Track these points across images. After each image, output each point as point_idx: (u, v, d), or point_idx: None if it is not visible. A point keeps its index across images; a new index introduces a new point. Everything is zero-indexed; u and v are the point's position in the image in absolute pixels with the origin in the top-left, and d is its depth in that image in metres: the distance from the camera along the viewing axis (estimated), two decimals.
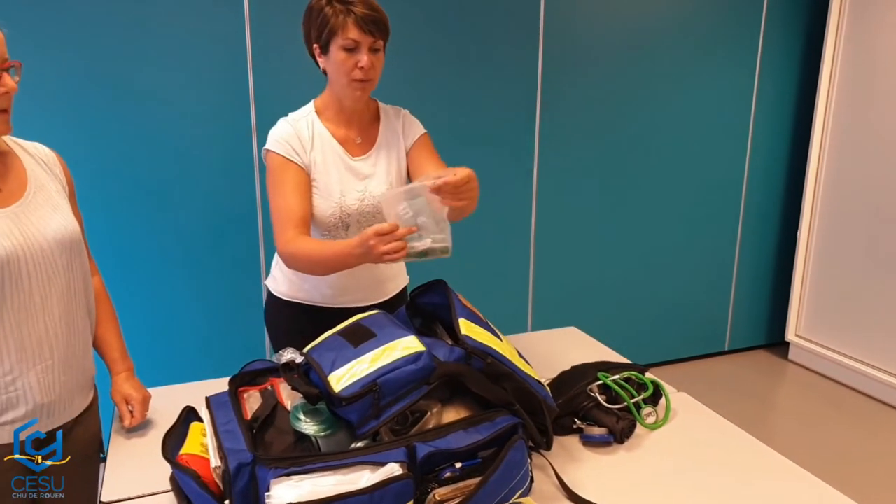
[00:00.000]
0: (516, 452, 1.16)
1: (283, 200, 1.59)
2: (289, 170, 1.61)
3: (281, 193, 1.60)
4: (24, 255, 1.19)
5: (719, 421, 1.54)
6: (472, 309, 1.37)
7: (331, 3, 1.55)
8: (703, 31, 3.48)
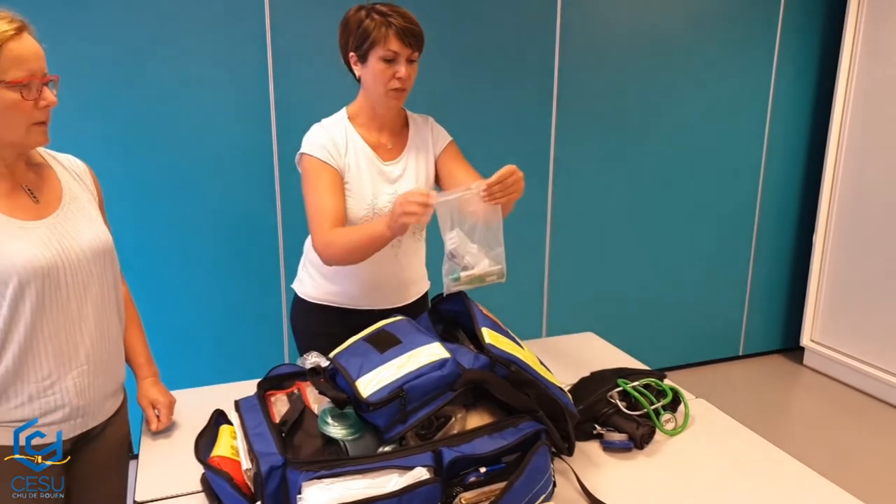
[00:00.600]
0: (540, 458, 1.18)
1: (318, 200, 1.64)
2: (324, 171, 1.66)
3: (316, 193, 1.65)
4: (62, 265, 1.23)
5: (738, 427, 1.56)
6: (492, 318, 1.40)
7: (371, 15, 1.60)
8: (720, 30, 3.48)
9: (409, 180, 1.76)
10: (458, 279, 1.40)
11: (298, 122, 1.72)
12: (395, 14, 1.60)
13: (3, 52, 1.12)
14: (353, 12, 1.64)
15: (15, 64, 1.13)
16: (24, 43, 1.15)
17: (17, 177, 1.25)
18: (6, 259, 1.16)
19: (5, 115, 1.15)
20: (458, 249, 1.40)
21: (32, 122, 1.18)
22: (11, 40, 1.12)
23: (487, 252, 1.44)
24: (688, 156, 3.59)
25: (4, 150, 1.21)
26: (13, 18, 1.15)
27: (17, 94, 1.14)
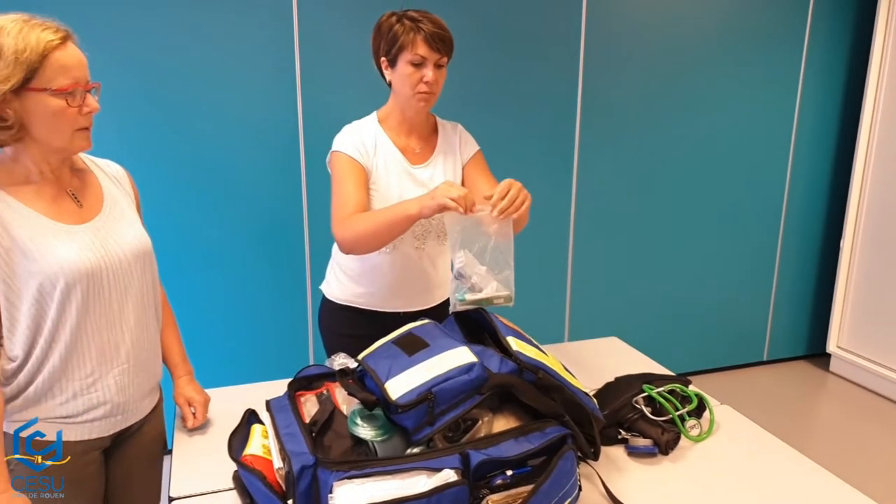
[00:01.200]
0: (566, 462, 1.20)
1: (343, 190, 1.69)
2: (352, 167, 1.70)
3: (342, 185, 1.69)
4: (105, 267, 1.27)
5: (763, 434, 1.56)
6: (514, 328, 1.41)
7: (401, 20, 1.65)
8: (747, 32, 3.46)
9: (437, 184, 1.78)
10: (464, 300, 1.42)
11: (325, 125, 1.75)
12: (425, 20, 1.64)
13: (50, 61, 1.16)
14: (385, 18, 1.69)
15: (61, 72, 1.17)
16: (69, 52, 1.19)
17: (62, 182, 1.29)
18: (54, 262, 1.20)
19: (51, 122, 1.19)
20: (466, 269, 1.42)
21: (76, 127, 1.22)
22: (57, 49, 1.16)
23: (496, 274, 1.45)
24: (713, 158, 3.57)
25: (51, 156, 1.25)
26: (58, 28, 1.19)
27: (62, 102, 1.18)
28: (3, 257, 1.18)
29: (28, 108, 1.17)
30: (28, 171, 1.24)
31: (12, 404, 1.25)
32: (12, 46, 1.12)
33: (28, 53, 1.13)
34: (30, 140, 1.21)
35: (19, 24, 1.14)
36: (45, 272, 1.20)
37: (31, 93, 1.15)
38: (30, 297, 1.20)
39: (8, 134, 1.18)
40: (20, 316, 1.21)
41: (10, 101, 1.15)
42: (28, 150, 1.22)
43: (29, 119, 1.18)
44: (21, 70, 1.13)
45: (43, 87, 1.16)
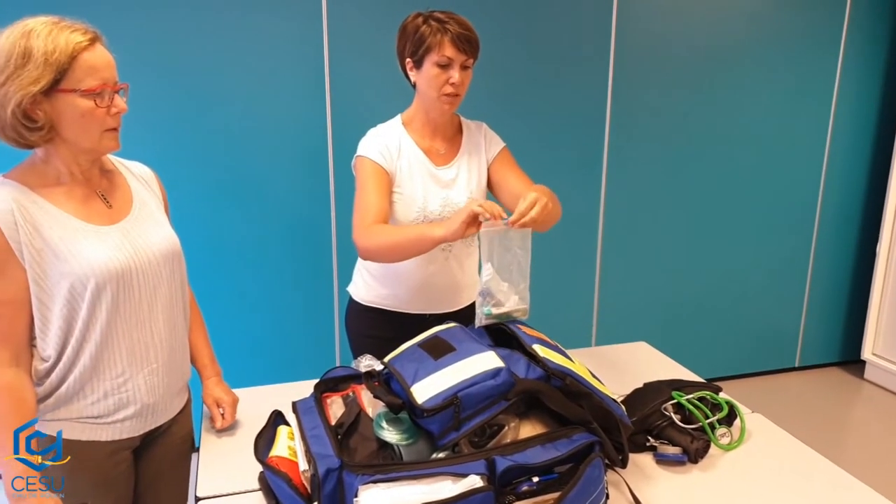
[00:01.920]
0: (594, 469, 1.18)
1: (364, 196, 1.69)
2: (375, 172, 1.71)
3: (364, 191, 1.70)
4: (135, 268, 1.29)
5: (795, 444, 1.52)
6: (539, 336, 1.39)
7: (427, 21, 1.64)
8: (782, 32, 3.39)
9: (462, 185, 1.78)
10: (490, 314, 1.44)
11: (354, 127, 1.76)
12: (452, 21, 1.63)
13: (78, 62, 1.17)
14: (410, 19, 1.68)
15: (89, 73, 1.18)
16: (97, 53, 1.20)
17: (92, 183, 1.31)
18: (85, 262, 1.22)
19: (80, 122, 1.20)
20: (491, 285, 1.43)
21: (105, 128, 1.24)
22: (85, 51, 1.18)
23: (515, 288, 1.46)
24: (745, 160, 3.51)
25: (80, 156, 1.26)
26: (87, 30, 1.20)
27: (90, 102, 1.19)
28: (35, 258, 1.20)
29: (58, 109, 1.18)
30: (58, 173, 1.26)
31: (44, 404, 1.27)
32: (42, 48, 1.13)
33: (57, 55, 1.14)
34: (59, 141, 1.23)
35: (48, 27, 1.16)
36: (75, 273, 1.21)
37: (60, 94, 1.17)
38: (61, 298, 1.22)
39: (38, 135, 1.19)
40: (52, 317, 1.23)
41: (40, 103, 1.16)
42: (58, 152, 1.24)
43: (58, 120, 1.19)
44: (50, 71, 1.14)
45: (72, 88, 1.17)
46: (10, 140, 1.20)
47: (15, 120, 1.16)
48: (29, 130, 1.18)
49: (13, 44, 1.14)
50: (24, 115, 1.16)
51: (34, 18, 1.17)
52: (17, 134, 1.18)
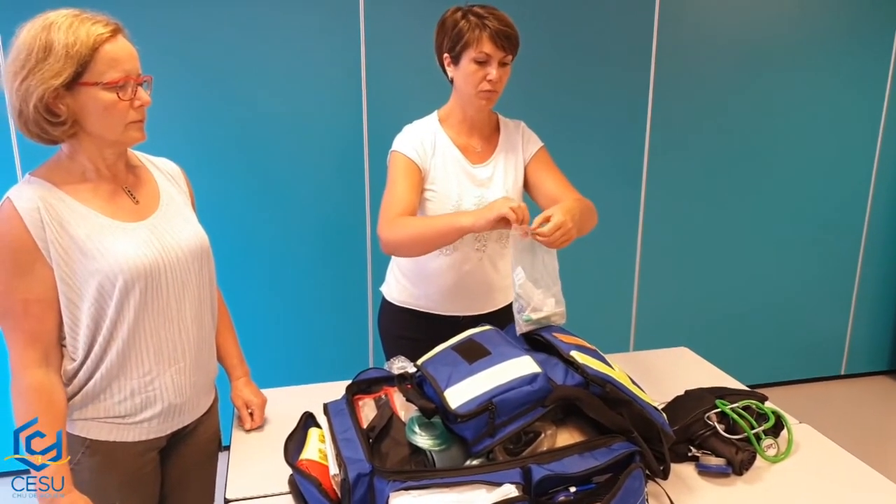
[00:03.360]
0: (634, 481, 1.13)
1: (395, 191, 1.67)
2: (407, 168, 1.68)
3: (395, 186, 1.67)
4: (163, 265, 1.27)
5: (846, 457, 1.45)
6: (577, 342, 1.35)
7: (466, 16, 1.60)
8: (830, 32, 3.27)
9: (498, 184, 1.74)
10: (530, 319, 1.40)
11: (389, 124, 1.73)
12: (491, 16, 1.59)
13: (100, 55, 1.15)
14: (449, 13, 1.65)
15: (111, 65, 1.17)
16: (119, 45, 1.18)
17: (118, 179, 1.29)
18: (112, 260, 1.21)
19: (104, 116, 1.19)
20: (524, 291, 1.40)
21: (129, 121, 1.22)
22: (107, 42, 1.16)
23: (549, 291, 1.43)
24: (790, 162, 3.40)
25: (105, 150, 1.25)
26: (108, 21, 1.18)
27: (113, 95, 1.18)
28: (63, 257, 1.18)
29: (80, 102, 1.17)
30: (84, 169, 1.25)
31: (72, 401, 1.26)
32: (63, 41, 1.12)
33: (78, 47, 1.13)
34: (84, 135, 1.21)
35: (69, 19, 1.15)
36: (103, 271, 1.20)
37: (82, 87, 1.15)
38: (90, 297, 1.21)
39: (61, 130, 1.18)
40: (81, 315, 1.22)
41: (63, 97, 1.15)
42: (83, 147, 1.23)
43: (82, 114, 1.18)
44: (72, 64, 1.13)
45: (94, 80, 1.15)
46: (34, 136, 1.19)
47: (37, 115, 1.15)
48: (52, 125, 1.17)
49: (34, 37, 1.13)
50: (46, 109, 1.15)
51: (55, 11, 1.16)
52: (40, 129, 1.17)
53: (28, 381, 1.20)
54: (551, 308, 1.42)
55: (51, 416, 1.21)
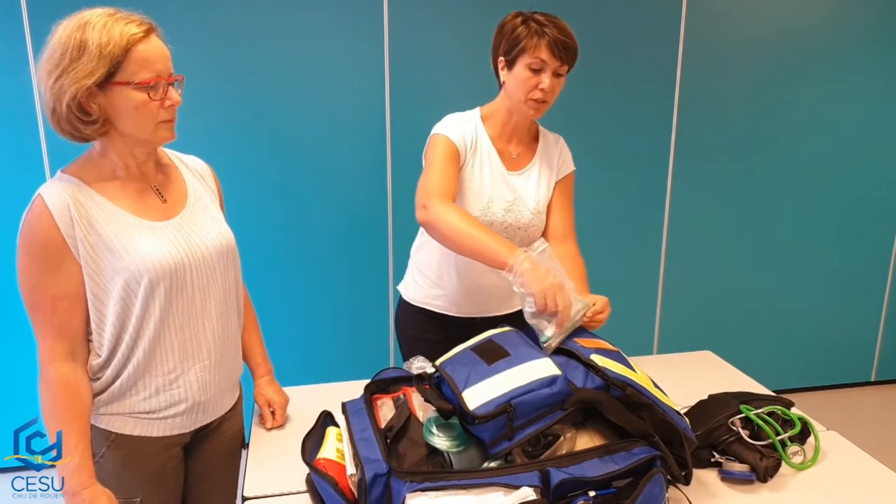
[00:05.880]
0: (654, 486, 1.11)
1: (438, 171, 1.59)
2: (451, 152, 1.62)
3: (437, 166, 1.60)
4: (189, 263, 1.28)
5: (875, 465, 1.41)
6: (599, 345, 1.32)
7: (527, 22, 1.58)
8: (859, 29, 3.20)
9: (530, 194, 1.72)
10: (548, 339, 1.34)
11: (413, 125, 1.72)
12: (552, 25, 1.57)
13: (133, 55, 1.16)
14: (510, 17, 1.63)
15: (143, 66, 1.17)
16: (152, 44, 1.19)
17: (147, 178, 1.30)
18: (138, 258, 1.22)
19: (134, 115, 1.20)
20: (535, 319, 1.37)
21: (159, 120, 1.22)
22: (140, 42, 1.17)
23: None
24: (819, 163, 3.33)
25: (136, 149, 1.26)
26: (142, 21, 1.19)
27: (144, 95, 1.18)
28: (90, 254, 1.20)
29: (112, 101, 1.18)
30: (114, 167, 1.26)
31: (98, 398, 1.27)
32: (96, 41, 1.13)
33: (112, 47, 1.14)
34: (115, 134, 1.22)
35: (104, 19, 1.15)
36: (129, 269, 1.21)
37: (115, 87, 1.16)
38: (115, 294, 1.22)
39: (93, 128, 1.19)
40: (107, 312, 1.23)
41: (95, 96, 1.16)
42: (114, 145, 1.24)
43: (113, 113, 1.19)
44: (105, 64, 1.14)
45: (126, 80, 1.16)
46: (67, 134, 1.20)
47: (70, 113, 1.16)
48: (84, 124, 1.18)
49: (69, 36, 1.14)
50: (79, 108, 1.16)
51: (91, 10, 1.17)
52: (72, 127, 1.18)
53: (55, 374, 1.21)
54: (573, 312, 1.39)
55: (76, 411, 1.22)
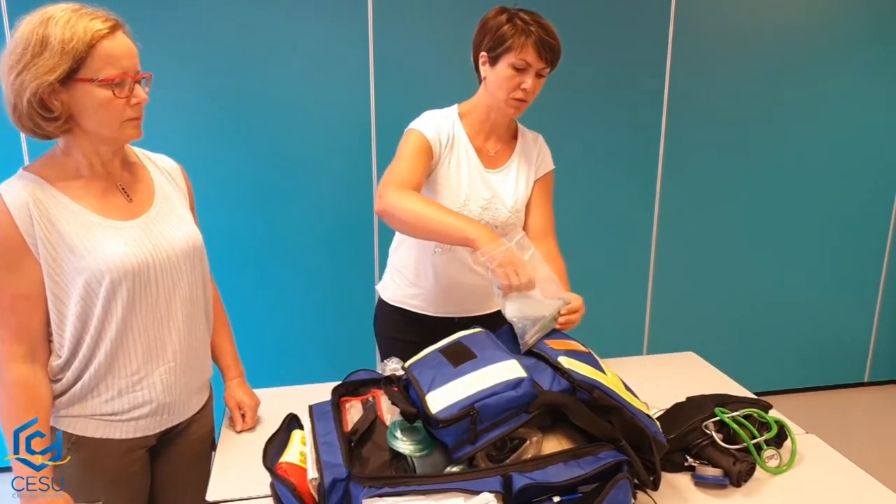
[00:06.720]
0: (619, 491, 1.09)
1: (409, 162, 1.58)
2: (422, 146, 1.61)
3: (412, 158, 1.59)
4: (153, 264, 1.26)
5: (852, 469, 1.39)
6: (570, 347, 1.30)
7: (513, 20, 1.56)
8: (852, 23, 3.17)
9: (508, 192, 1.70)
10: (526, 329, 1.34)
11: (398, 125, 1.68)
12: (536, 24, 1.55)
13: (97, 51, 1.14)
14: (493, 14, 1.60)
15: (108, 62, 1.15)
16: (118, 41, 1.17)
17: (113, 177, 1.28)
18: (100, 258, 1.20)
19: (99, 113, 1.17)
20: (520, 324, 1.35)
21: (125, 118, 1.20)
22: (105, 39, 1.14)
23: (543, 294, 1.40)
24: (811, 162, 3.30)
25: (101, 147, 1.24)
26: (108, 17, 1.17)
27: (109, 92, 1.16)
28: (51, 253, 1.18)
29: (75, 98, 1.16)
30: (78, 165, 1.24)
31: (58, 401, 1.25)
32: (59, 36, 1.11)
33: (75, 43, 1.12)
34: (79, 132, 1.20)
35: (68, 14, 1.13)
36: (90, 269, 1.19)
37: (78, 83, 1.14)
38: (76, 295, 1.20)
39: (55, 125, 1.17)
40: (68, 312, 1.22)
41: (58, 92, 1.14)
42: (78, 143, 1.22)
43: (77, 110, 1.17)
44: (67, 60, 1.12)
45: (90, 77, 1.14)
46: (28, 130, 1.18)
47: (31, 109, 1.14)
48: (45, 120, 1.16)
49: (31, 31, 1.12)
50: (40, 104, 1.14)
51: (55, 5, 1.15)
52: (33, 124, 1.17)
53: (13, 375, 1.19)
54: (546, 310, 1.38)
55: (35, 412, 1.20)
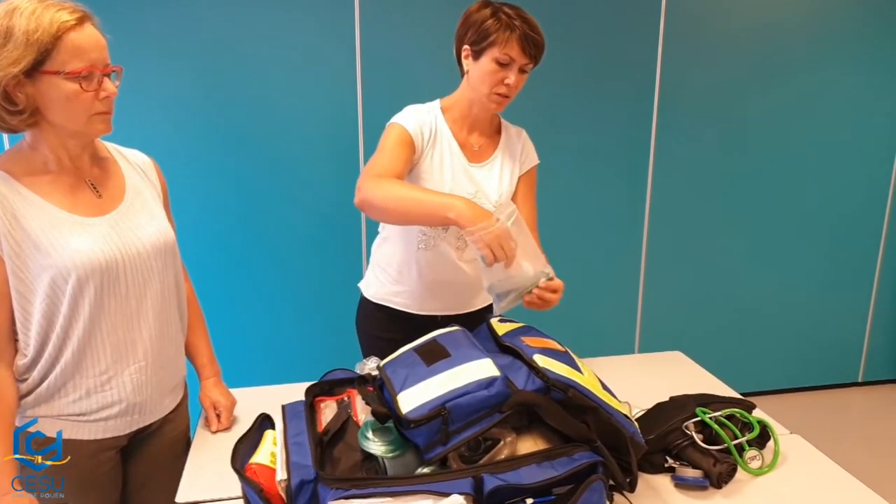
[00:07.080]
0: (593, 493, 1.07)
1: (390, 154, 1.55)
2: (404, 140, 1.58)
3: (393, 151, 1.56)
4: (123, 261, 1.23)
5: (835, 470, 1.37)
6: (547, 345, 1.28)
7: (497, 14, 1.54)
8: (844, 22, 3.15)
9: (492, 187, 1.69)
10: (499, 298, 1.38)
11: (385, 122, 1.67)
12: (521, 19, 1.53)
13: (63, 43, 1.11)
14: (477, 7, 1.58)
15: (75, 55, 1.13)
16: (85, 33, 1.14)
17: (81, 172, 1.26)
18: (66, 255, 1.17)
19: (66, 106, 1.15)
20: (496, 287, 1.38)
21: (93, 112, 1.18)
22: (72, 30, 1.12)
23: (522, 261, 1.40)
24: (804, 160, 3.28)
25: (68, 141, 1.22)
26: (75, 9, 1.14)
27: (76, 86, 1.14)
28: (15, 250, 1.16)
29: (41, 91, 1.13)
30: (46, 160, 1.21)
31: (24, 401, 1.23)
32: (24, 27, 1.09)
33: (40, 34, 1.09)
34: (46, 125, 1.18)
35: (34, 5, 1.11)
36: (56, 266, 1.17)
37: (44, 76, 1.12)
38: (42, 292, 1.18)
39: (19, 119, 1.15)
40: (33, 310, 1.19)
41: (23, 85, 1.12)
42: (45, 137, 1.20)
43: (43, 103, 1.15)
44: (32, 51, 1.09)
45: (56, 69, 1.12)
46: None
47: None
48: (10, 114, 1.14)
49: None
50: (4, 97, 1.12)
51: None
52: None
53: None
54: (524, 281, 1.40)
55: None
